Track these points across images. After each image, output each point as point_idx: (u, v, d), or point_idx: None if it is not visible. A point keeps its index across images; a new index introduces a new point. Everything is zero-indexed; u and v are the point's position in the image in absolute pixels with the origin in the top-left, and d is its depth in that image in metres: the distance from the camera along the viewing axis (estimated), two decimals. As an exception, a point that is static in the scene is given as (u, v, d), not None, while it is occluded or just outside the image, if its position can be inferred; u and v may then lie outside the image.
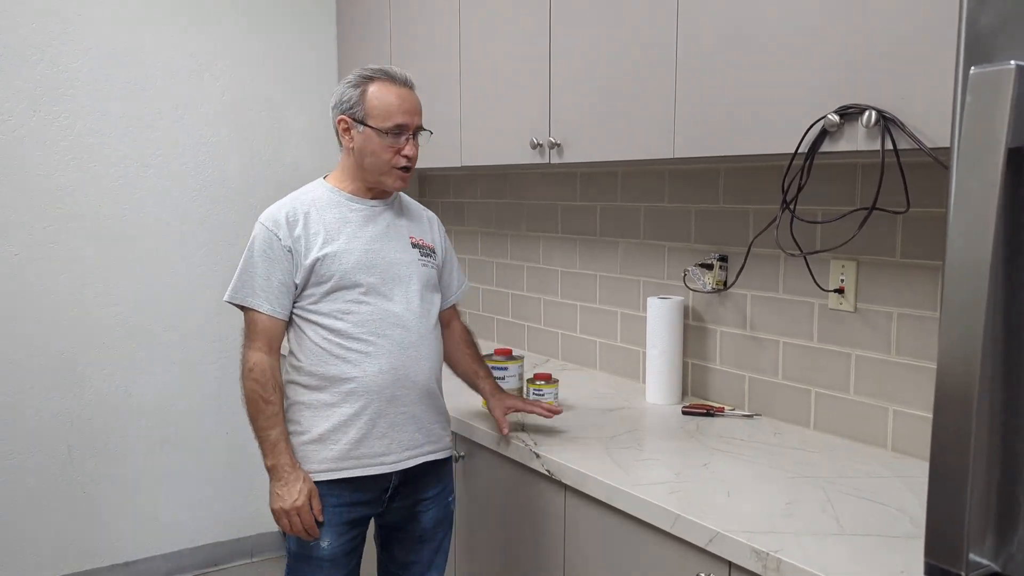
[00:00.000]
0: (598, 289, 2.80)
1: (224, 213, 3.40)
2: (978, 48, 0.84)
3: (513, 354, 2.36)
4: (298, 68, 3.50)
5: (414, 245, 1.97)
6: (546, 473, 1.93)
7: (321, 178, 1.98)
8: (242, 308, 1.86)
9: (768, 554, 1.41)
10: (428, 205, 3.67)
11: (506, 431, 2.04)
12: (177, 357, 3.34)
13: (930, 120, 1.48)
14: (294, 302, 1.87)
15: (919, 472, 1.80)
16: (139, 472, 3.29)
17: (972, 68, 0.83)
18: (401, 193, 2.03)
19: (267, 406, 1.83)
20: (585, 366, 2.87)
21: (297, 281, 1.85)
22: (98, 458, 3.21)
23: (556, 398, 2.30)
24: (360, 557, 1.98)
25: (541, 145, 2.39)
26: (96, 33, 3.09)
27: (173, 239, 3.30)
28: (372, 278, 1.87)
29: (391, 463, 1.90)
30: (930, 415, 1.84)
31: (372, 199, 1.94)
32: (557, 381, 2.33)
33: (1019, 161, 0.82)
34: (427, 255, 1.99)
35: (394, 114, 1.85)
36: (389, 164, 1.87)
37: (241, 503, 3.50)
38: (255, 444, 1.88)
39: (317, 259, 1.83)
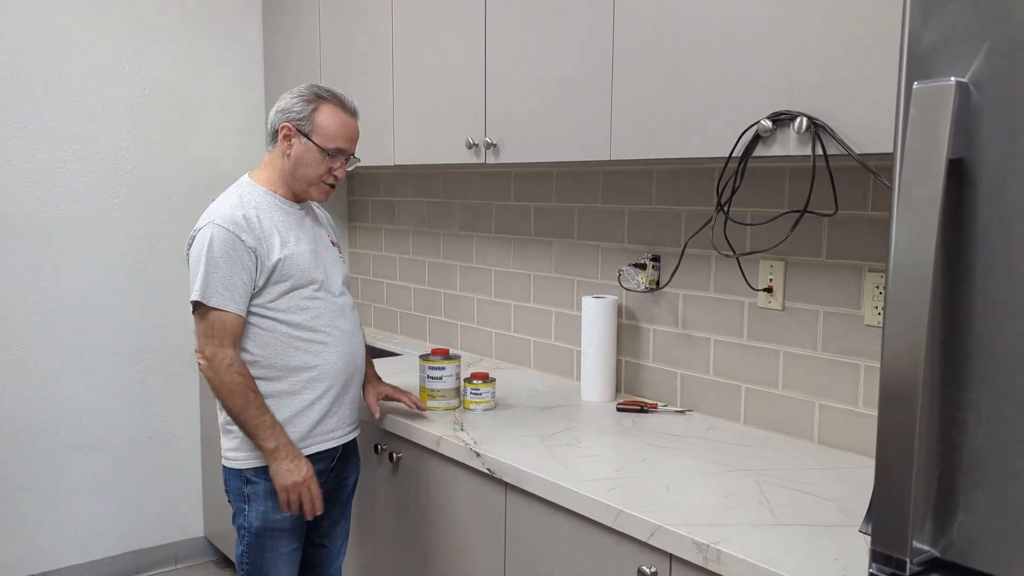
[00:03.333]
0: (532, 288, 2.83)
1: (145, 211, 3.30)
2: (920, 64, 0.89)
3: (450, 354, 2.37)
4: (222, 64, 3.42)
5: (332, 244, 2.17)
6: (487, 472, 1.95)
7: (247, 177, 2.08)
8: (209, 308, 1.91)
9: (708, 546, 1.46)
10: (358, 203, 3.67)
11: (376, 414, 2.22)
12: (98, 360, 3.23)
13: (858, 127, 1.55)
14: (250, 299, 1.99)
15: (845, 463, 1.89)
16: (57, 479, 3.17)
17: (915, 83, 0.88)
18: None
19: (256, 395, 1.94)
20: (519, 365, 2.89)
21: (259, 282, 1.96)
22: (13, 465, 3.08)
23: (494, 397, 2.32)
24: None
25: (477, 145, 2.40)
26: (8, 22, 2.96)
27: (93, 238, 3.19)
28: (321, 275, 2.05)
29: (338, 437, 2.11)
30: (854, 409, 1.93)
31: (296, 202, 2.09)
32: (494, 380, 2.35)
33: (958, 171, 0.87)
34: (340, 252, 2.21)
35: (338, 138, 2.02)
36: (319, 178, 2.03)
37: (165, 508, 3.41)
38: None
39: (280, 259, 1.96)
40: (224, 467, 2.08)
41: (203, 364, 1.95)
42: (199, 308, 1.93)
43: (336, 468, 2.15)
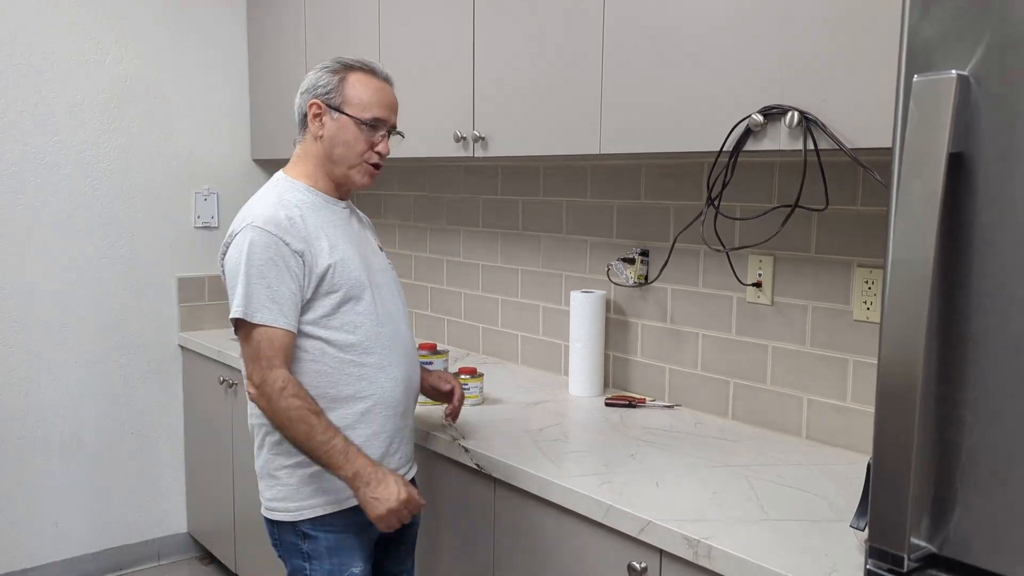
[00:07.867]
0: (520, 283, 2.81)
1: (126, 205, 3.26)
2: (920, 57, 0.88)
3: (437, 349, 2.35)
4: (204, 55, 3.38)
5: (380, 249, 1.92)
6: (475, 467, 1.93)
7: (281, 173, 1.82)
8: (253, 326, 1.64)
9: (699, 541, 1.46)
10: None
11: (447, 409, 2.01)
12: (78, 356, 3.19)
13: (850, 122, 1.55)
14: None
15: (833, 459, 1.89)
16: (37, 476, 3.13)
17: (915, 76, 0.87)
18: None
19: (319, 419, 1.65)
20: (506, 360, 2.88)
21: (307, 293, 1.69)
22: (-8, 461, 3.04)
23: (481, 391, 2.31)
24: None
25: (465, 138, 2.38)
26: (-13, 11, 2.91)
27: (73, 233, 3.15)
28: (372, 285, 1.78)
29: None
30: (843, 404, 1.93)
31: (340, 199, 1.84)
32: (482, 375, 2.33)
33: (957, 165, 0.87)
34: (389, 258, 1.95)
35: (373, 106, 1.77)
36: (361, 157, 1.77)
37: (147, 504, 3.37)
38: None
39: (330, 265, 1.70)
40: (267, 519, 1.79)
41: (252, 393, 1.66)
42: (242, 327, 1.65)
43: None
